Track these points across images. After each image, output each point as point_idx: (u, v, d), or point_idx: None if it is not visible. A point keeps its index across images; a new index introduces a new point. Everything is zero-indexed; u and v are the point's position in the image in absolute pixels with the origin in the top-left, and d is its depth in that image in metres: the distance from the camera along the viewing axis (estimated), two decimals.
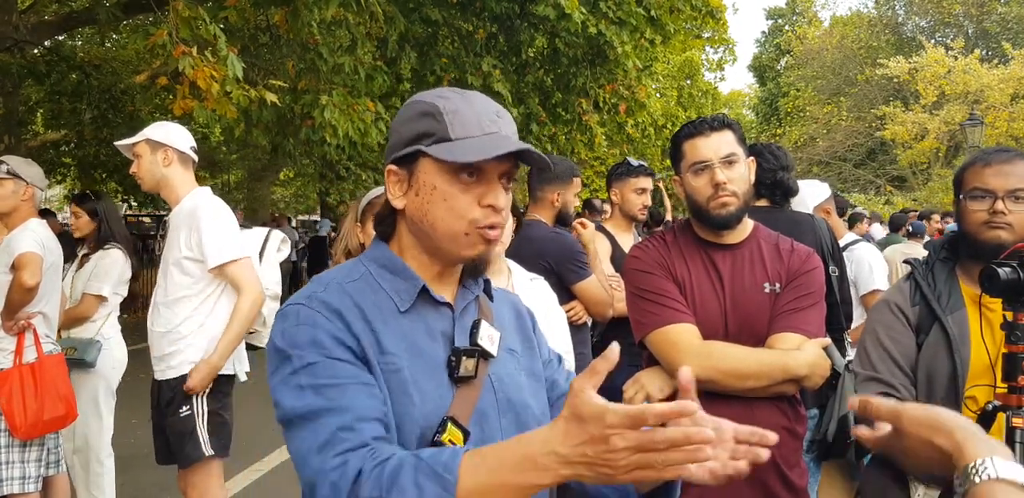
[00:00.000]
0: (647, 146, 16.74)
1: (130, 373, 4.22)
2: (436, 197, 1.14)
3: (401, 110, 1.22)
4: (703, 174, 2.01)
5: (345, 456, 0.99)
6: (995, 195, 1.85)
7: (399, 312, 1.17)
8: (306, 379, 1.06)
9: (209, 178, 17.33)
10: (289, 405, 1.06)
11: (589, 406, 0.87)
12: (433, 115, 1.15)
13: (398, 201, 1.20)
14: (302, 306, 1.13)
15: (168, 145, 3.12)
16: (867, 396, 1.19)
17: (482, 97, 1.20)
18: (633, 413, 0.84)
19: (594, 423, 0.86)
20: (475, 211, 1.14)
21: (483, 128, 1.15)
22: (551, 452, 0.89)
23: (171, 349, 3.01)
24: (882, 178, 26.51)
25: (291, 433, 1.07)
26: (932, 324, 1.91)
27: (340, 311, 1.12)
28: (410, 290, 1.19)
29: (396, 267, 1.21)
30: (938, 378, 1.87)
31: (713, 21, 10.73)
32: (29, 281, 3.26)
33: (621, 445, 0.85)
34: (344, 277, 1.20)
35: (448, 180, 1.14)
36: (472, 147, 1.12)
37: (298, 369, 1.07)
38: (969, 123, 15.90)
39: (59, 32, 10.35)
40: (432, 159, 1.14)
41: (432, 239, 1.17)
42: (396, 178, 1.20)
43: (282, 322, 1.13)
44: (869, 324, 2.03)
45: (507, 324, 1.31)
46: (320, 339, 1.08)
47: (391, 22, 7.89)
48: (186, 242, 3.01)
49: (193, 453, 2.98)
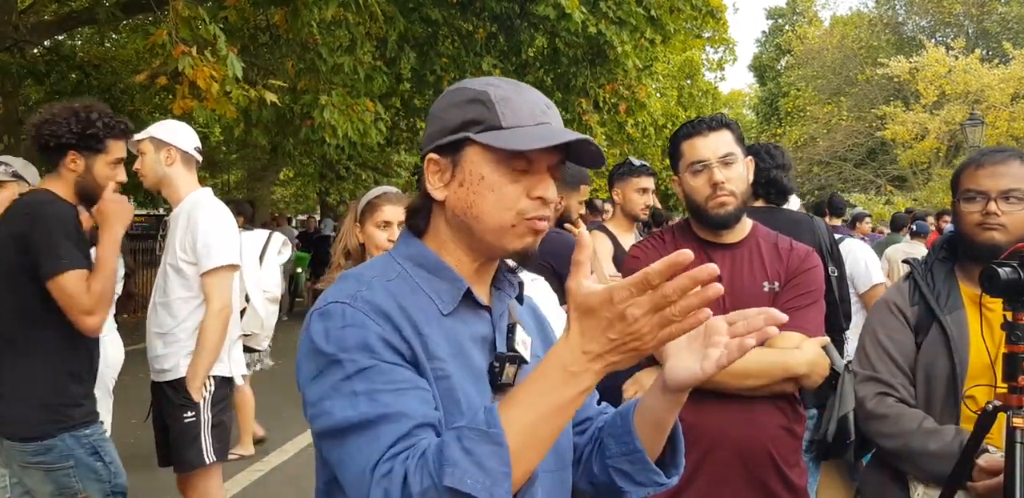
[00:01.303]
0: (647, 146, 16.75)
1: (130, 373, 4.22)
2: (483, 188, 1.08)
3: (444, 96, 1.15)
4: (701, 174, 2.02)
5: (392, 463, 0.93)
6: (988, 196, 1.85)
7: (442, 315, 1.10)
8: (361, 385, 0.98)
9: (209, 178, 17.32)
10: (342, 415, 0.98)
11: (594, 296, 0.88)
12: (483, 102, 1.09)
13: (439, 192, 1.12)
14: (346, 305, 1.04)
15: (172, 144, 3.11)
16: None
17: (530, 87, 1.15)
18: (636, 279, 0.85)
19: (605, 307, 0.87)
20: (523, 202, 1.09)
21: (535, 117, 1.09)
22: (579, 355, 0.90)
23: (166, 351, 3.00)
24: (882, 178, 26.50)
25: (342, 441, 0.99)
26: (931, 324, 1.91)
27: (388, 313, 1.04)
28: (453, 292, 1.12)
29: (435, 266, 1.13)
30: (937, 377, 1.87)
31: (713, 21, 10.73)
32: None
33: (638, 313, 0.86)
34: (382, 275, 1.11)
35: (497, 170, 1.08)
36: (527, 136, 1.06)
37: (351, 374, 0.99)
38: (969, 123, 15.89)
39: (59, 32, 10.35)
40: (481, 147, 1.08)
41: (475, 232, 1.11)
42: (436, 167, 1.13)
43: (324, 321, 1.04)
44: (868, 324, 2.04)
45: (532, 328, 1.27)
46: (371, 342, 1.01)
47: (391, 22, 7.89)
48: (181, 244, 2.99)
49: (196, 459, 2.98)
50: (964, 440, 1.70)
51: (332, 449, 1.00)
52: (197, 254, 2.97)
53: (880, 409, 1.90)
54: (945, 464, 1.71)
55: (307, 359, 1.04)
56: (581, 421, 1.29)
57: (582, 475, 1.25)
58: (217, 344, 2.98)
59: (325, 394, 1.00)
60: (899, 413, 1.87)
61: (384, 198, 2.58)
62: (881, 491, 1.95)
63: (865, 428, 1.96)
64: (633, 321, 0.86)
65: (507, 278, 1.23)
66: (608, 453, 1.19)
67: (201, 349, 2.95)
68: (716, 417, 1.94)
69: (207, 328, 2.96)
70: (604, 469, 1.20)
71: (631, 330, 0.87)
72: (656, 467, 1.16)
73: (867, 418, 1.94)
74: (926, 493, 1.83)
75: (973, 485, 1.70)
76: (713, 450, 1.95)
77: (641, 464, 1.16)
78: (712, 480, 1.96)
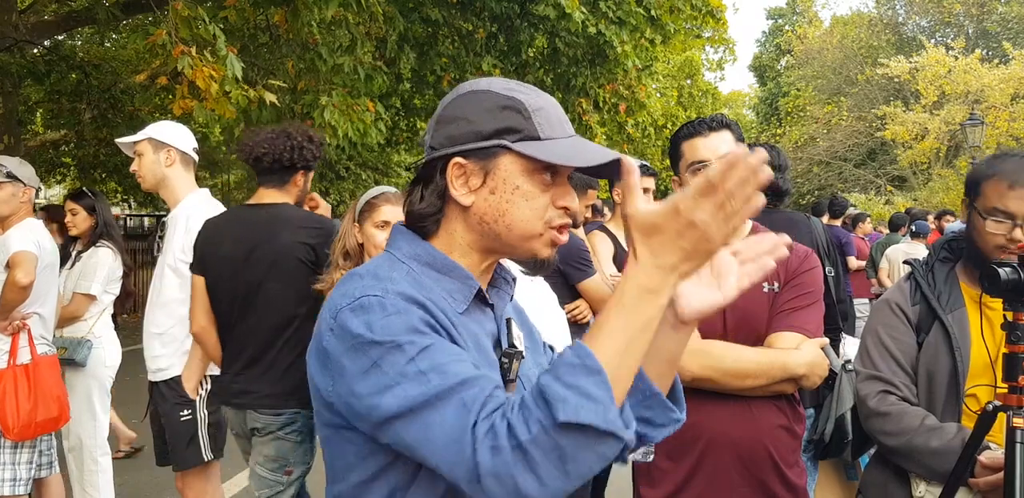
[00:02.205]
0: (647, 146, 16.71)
1: (130, 372, 4.22)
2: (518, 197, 1.10)
3: (466, 98, 1.14)
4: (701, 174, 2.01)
5: (490, 420, 0.91)
6: (1015, 221, 1.79)
7: (457, 313, 1.11)
8: (425, 363, 0.97)
9: (209, 178, 17.33)
10: (417, 392, 0.95)
11: (658, 213, 0.91)
12: (519, 110, 1.10)
13: (465, 198, 1.11)
14: (381, 297, 1.03)
15: (171, 145, 3.12)
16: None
17: (547, 94, 1.17)
18: (700, 186, 0.88)
19: (672, 220, 0.90)
20: (551, 211, 1.12)
21: (564, 129, 1.13)
22: (653, 272, 0.92)
23: (163, 351, 3.02)
24: (882, 178, 26.51)
25: (422, 418, 0.96)
26: (932, 323, 1.91)
27: (421, 302, 1.04)
28: (465, 291, 1.13)
29: (445, 266, 1.13)
30: (939, 377, 1.87)
31: (713, 21, 10.71)
32: (23, 280, 3.25)
33: (706, 216, 0.89)
34: (397, 273, 1.11)
35: (531, 180, 1.10)
36: (569, 149, 1.09)
37: (414, 356, 0.97)
38: (969, 123, 15.91)
39: (59, 32, 10.36)
40: (518, 157, 1.09)
41: (502, 239, 1.12)
42: (463, 172, 1.11)
43: (363, 315, 1.02)
44: (870, 323, 2.04)
45: (521, 324, 1.29)
46: (419, 326, 1.01)
47: (391, 22, 7.90)
48: (181, 246, 3.00)
49: (193, 458, 3.00)
50: (966, 437, 1.70)
51: (407, 430, 0.97)
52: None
53: (882, 407, 1.90)
54: (947, 461, 1.71)
55: (352, 353, 1.01)
56: None
57: None
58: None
59: (391, 381, 0.98)
60: (901, 411, 1.87)
61: (383, 198, 2.58)
62: (883, 489, 1.95)
63: (867, 426, 1.96)
64: (703, 225, 0.89)
65: (503, 276, 1.24)
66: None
67: (196, 349, 2.96)
68: (716, 417, 1.94)
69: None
70: None
71: (702, 234, 0.89)
72: (672, 404, 1.17)
73: (869, 416, 1.94)
74: (928, 491, 1.83)
75: (974, 481, 1.70)
76: (712, 450, 1.95)
77: (661, 406, 1.16)
78: (711, 480, 1.96)
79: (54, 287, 3.62)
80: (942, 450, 1.77)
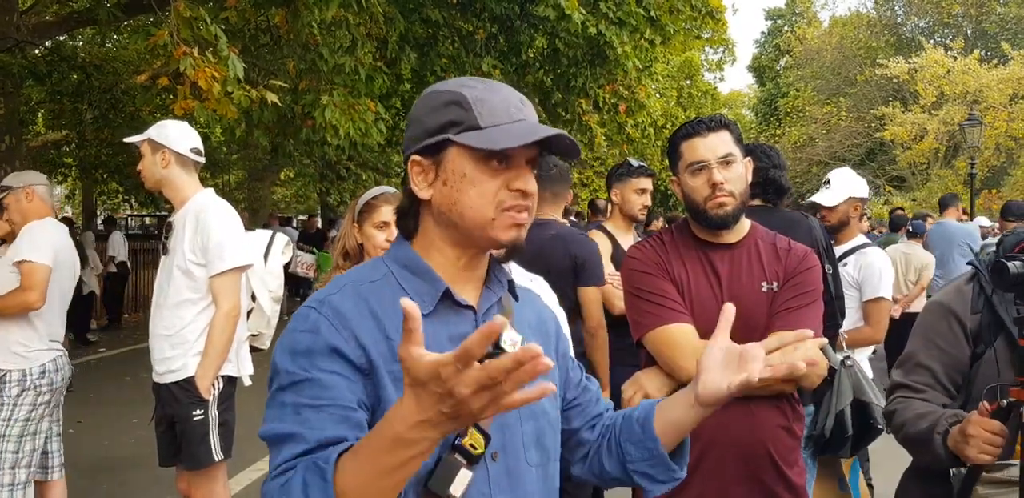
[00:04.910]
0: (647, 146, 16.73)
1: (131, 373, 4.24)
2: (465, 184, 1.13)
3: (422, 100, 1.20)
4: (700, 174, 2.02)
5: (273, 481, 1.01)
6: None
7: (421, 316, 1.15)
8: (290, 397, 1.06)
9: (210, 178, 17.32)
10: (268, 425, 1.07)
11: (423, 369, 0.86)
12: (460, 104, 1.14)
13: (424, 192, 1.17)
14: (313, 310, 1.12)
15: (166, 146, 3.08)
16: None
17: (504, 85, 1.20)
18: (458, 353, 0.83)
19: (434, 382, 0.86)
20: (502, 193, 1.14)
21: (511, 115, 1.15)
22: (414, 424, 0.90)
23: (174, 352, 3.00)
24: (881, 178, 26.50)
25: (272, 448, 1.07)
26: (998, 335, 1.76)
27: (349, 318, 1.10)
28: (432, 293, 1.16)
29: (418, 268, 1.18)
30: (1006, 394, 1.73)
31: (713, 21, 10.72)
32: (35, 304, 3.23)
33: (467, 392, 0.84)
34: (364, 278, 1.17)
35: (478, 167, 1.13)
36: (504, 134, 1.11)
37: (285, 386, 1.07)
38: (968, 123, 15.91)
39: (60, 32, 10.37)
40: (461, 147, 1.13)
41: (460, 228, 1.15)
42: (420, 169, 1.18)
43: (292, 324, 1.12)
44: (920, 324, 1.93)
45: (528, 327, 1.28)
46: (314, 350, 1.08)
47: (391, 23, 7.91)
48: (191, 247, 2.98)
49: (205, 458, 2.99)
50: (948, 415, 1.66)
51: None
52: (209, 256, 2.96)
53: (890, 406, 1.89)
54: (930, 439, 1.69)
55: (272, 359, 1.13)
56: (592, 417, 1.35)
57: (587, 468, 1.34)
58: (227, 344, 2.99)
59: (269, 400, 1.10)
60: (905, 405, 1.84)
61: (382, 198, 2.58)
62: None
63: (890, 430, 1.93)
64: (462, 398, 0.85)
65: (497, 276, 1.25)
66: (629, 459, 1.27)
67: (211, 349, 2.96)
68: (715, 416, 1.92)
69: (217, 329, 2.96)
70: (624, 471, 1.29)
71: (460, 406, 0.86)
72: (675, 464, 1.26)
73: (885, 417, 1.92)
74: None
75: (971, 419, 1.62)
76: (712, 449, 1.96)
77: (663, 466, 1.26)
78: (711, 479, 1.97)
79: (61, 286, 3.51)
80: (925, 431, 1.73)
